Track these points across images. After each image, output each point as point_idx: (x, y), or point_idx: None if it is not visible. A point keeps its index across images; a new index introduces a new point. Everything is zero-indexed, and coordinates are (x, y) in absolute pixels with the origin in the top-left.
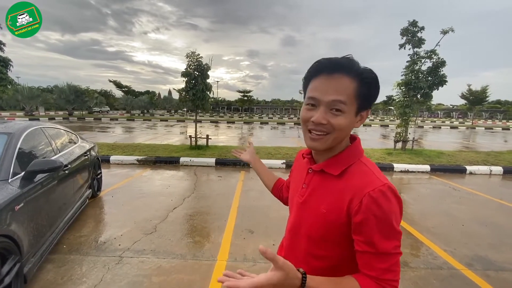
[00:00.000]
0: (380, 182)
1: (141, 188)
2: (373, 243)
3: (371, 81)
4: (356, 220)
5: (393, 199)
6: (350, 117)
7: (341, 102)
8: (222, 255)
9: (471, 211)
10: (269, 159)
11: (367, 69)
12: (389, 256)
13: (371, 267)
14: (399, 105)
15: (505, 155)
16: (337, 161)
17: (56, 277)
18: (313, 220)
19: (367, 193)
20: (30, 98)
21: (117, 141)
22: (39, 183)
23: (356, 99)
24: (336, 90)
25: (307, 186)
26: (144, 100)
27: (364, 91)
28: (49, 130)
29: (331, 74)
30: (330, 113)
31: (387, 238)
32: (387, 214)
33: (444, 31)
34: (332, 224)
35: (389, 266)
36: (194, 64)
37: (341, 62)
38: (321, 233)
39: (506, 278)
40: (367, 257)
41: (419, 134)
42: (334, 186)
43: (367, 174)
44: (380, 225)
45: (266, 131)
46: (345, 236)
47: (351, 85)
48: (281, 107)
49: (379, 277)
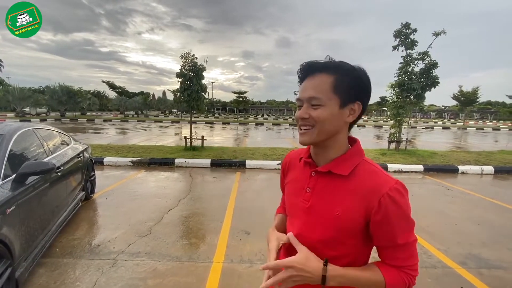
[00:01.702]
0: (392, 180)
1: (136, 190)
2: (395, 238)
3: (347, 72)
4: (376, 219)
5: (405, 194)
6: (330, 109)
7: (317, 98)
8: (218, 256)
9: (463, 210)
10: (264, 160)
11: (342, 62)
12: (410, 245)
13: (394, 258)
14: (393, 106)
15: (496, 155)
16: (344, 161)
17: (48, 281)
18: (326, 224)
19: (385, 193)
20: (21, 99)
21: (110, 142)
22: (31, 186)
23: (335, 93)
24: (313, 87)
25: (311, 189)
26: (138, 101)
27: (343, 83)
28: (41, 132)
29: (312, 75)
30: (311, 108)
31: (407, 230)
32: (405, 209)
33: (436, 33)
34: (349, 226)
35: (410, 253)
36: (189, 65)
37: (317, 62)
38: (335, 236)
39: (499, 276)
40: (390, 251)
41: (412, 134)
42: (345, 188)
43: (377, 174)
44: (400, 220)
45: (262, 132)
46: (361, 235)
47: (328, 80)
48: (276, 108)
49: (402, 264)
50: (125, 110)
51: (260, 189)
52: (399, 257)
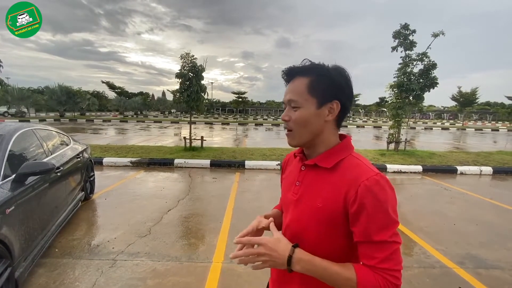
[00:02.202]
0: (373, 172)
1: (135, 190)
2: (370, 232)
3: (321, 73)
4: (353, 210)
5: (387, 188)
6: (308, 110)
7: (294, 100)
8: (218, 257)
9: (462, 210)
10: (264, 161)
11: (317, 64)
12: (387, 245)
13: (370, 257)
14: (392, 107)
15: (494, 155)
16: (329, 155)
17: (48, 281)
18: (309, 216)
19: (361, 183)
20: (20, 99)
21: (110, 143)
22: (30, 186)
23: (311, 94)
24: (291, 91)
25: (300, 183)
26: (138, 102)
27: (318, 84)
28: (41, 132)
29: (293, 79)
30: (292, 110)
31: (384, 226)
32: (383, 202)
33: (435, 34)
34: (329, 217)
35: (388, 254)
36: (188, 65)
37: (294, 67)
38: (317, 228)
39: (497, 276)
40: (365, 246)
41: (411, 135)
42: (328, 180)
43: (359, 166)
44: (376, 213)
45: (261, 132)
46: (341, 229)
47: (303, 83)
48: (275, 108)
49: (377, 265)
50: (125, 110)
51: (260, 190)
52: (374, 256)
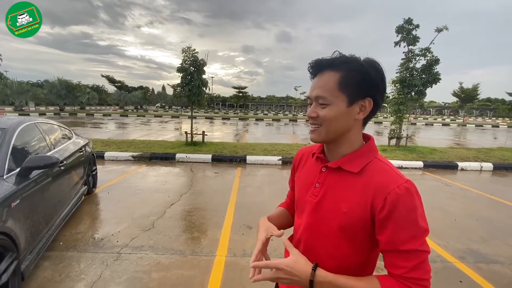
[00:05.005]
0: (402, 179)
1: (137, 184)
2: (399, 241)
3: (354, 68)
4: (381, 217)
5: (416, 196)
6: (337, 108)
7: (323, 97)
8: (221, 250)
9: (463, 206)
10: (265, 156)
11: (350, 57)
12: (416, 254)
13: (397, 266)
14: (394, 102)
15: (495, 151)
16: (355, 158)
17: (53, 274)
18: (331, 219)
19: (392, 190)
20: (20, 93)
21: (111, 137)
22: (34, 180)
23: (342, 90)
24: (319, 86)
25: (321, 185)
26: (138, 96)
27: (350, 80)
28: (43, 126)
29: (321, 73)
30: (319, 107)
31: (414, 235)
32: (412, 211)
33: (438, 29)
34: (353, 223)
35: (417, 264)
36: (189, 59)
37: (323, 60)
38: (340, 233)
39: (497, 270)
40: (393, 256)
41: (412, 131)
42: (354, 184)
43: (388, 172)
44: (405, 221)
45: (262, 127)
46: (365, 235)
47: (333, 78)
48: (276, 103)
49: (405, 275)
50: (125, 104)
51: (261, 184)
52: (401, 265)
